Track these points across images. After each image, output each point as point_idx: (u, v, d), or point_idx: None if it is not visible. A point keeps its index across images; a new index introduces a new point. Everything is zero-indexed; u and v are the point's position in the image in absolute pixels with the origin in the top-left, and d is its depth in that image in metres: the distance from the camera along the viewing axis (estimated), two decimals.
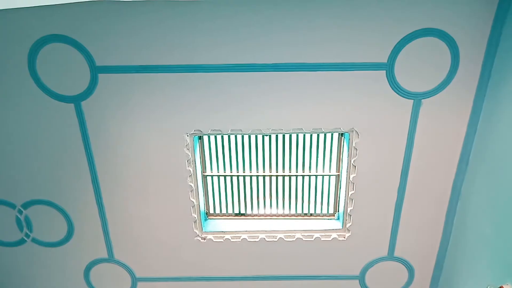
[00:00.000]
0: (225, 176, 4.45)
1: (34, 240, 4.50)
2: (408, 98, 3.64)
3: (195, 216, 4.35)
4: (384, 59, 3.47)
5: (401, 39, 3.38)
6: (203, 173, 4.37)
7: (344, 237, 4.41)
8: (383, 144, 3.87)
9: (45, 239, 4.50)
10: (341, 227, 4.45)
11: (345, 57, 3.46)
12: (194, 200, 4.26)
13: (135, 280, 4.76)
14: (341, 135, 4.13)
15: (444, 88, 3.60)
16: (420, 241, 4.40)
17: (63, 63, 3.51)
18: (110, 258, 4.60)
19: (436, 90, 3.60)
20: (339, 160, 4.28)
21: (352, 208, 4.23)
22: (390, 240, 4.39)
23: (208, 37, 3.43)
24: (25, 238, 4.50)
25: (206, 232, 4.50)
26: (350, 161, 4.01)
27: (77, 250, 4.54)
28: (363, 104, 3.68)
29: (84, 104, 3.70)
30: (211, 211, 4.69)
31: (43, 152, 3.97)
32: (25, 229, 4.43)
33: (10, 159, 4.02)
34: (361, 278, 4.68)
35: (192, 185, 4.17)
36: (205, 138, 4.22)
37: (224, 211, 4.69)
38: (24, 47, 3.45)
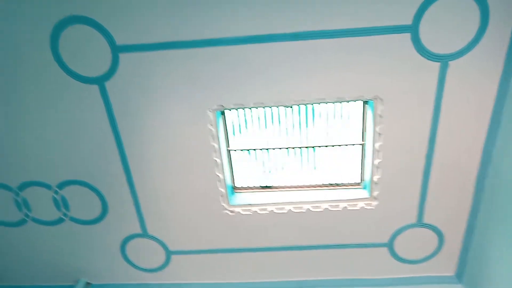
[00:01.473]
0: (249, 150, 4.48)
1: (72, 219, 4.73)
2: (434, 61, 3.51)
3: (222, 190, 4.43)
4: (408, 21, 3.33)
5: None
6: (227, 148, 4.41)
7: (372, 206, 4.40)
8: (409, 110, 3.77)
9: (81, 217, 4.72)
10: (368, 196, 4.43)
11: (367, 21, 3.34)
12: (220, 175, 4.33)
13: (169, 253, 4.96)
14: (365, 103, 4.05)
15: (472, 49, 3.43)
16: (449, 206, 4.33)
17: (84, 45, 3.57)
18: (144, 233, 4.79)
19: (463, 51, 3.44)
20: (363, 128, 4.22)
21: (378, 176, 4.19)
22: (418, 207, 4.35)
23: (226, 10, 3.39)
24: (63, 217, 4.74)
25: (234, 206, 4.59)
26: (375, 129, 3.94)
27: (112, 226, 4.75)
28: (387, 70, 3.57)
29: (107, 84, 3.77)
30: (238, 185, 4.77)
31: (73, 134, 4.11)
32: (62, 209, 4.66)
33: (41, 142, 4.19)
34: (389, 245, 4.69)
35: (218, 160, 4.24)
36: (228, 112, 4.24)
37: (250, 184, 4.76)
38: (45, 30, 3.51)
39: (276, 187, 4.73)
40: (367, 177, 4.42)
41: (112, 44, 3.55)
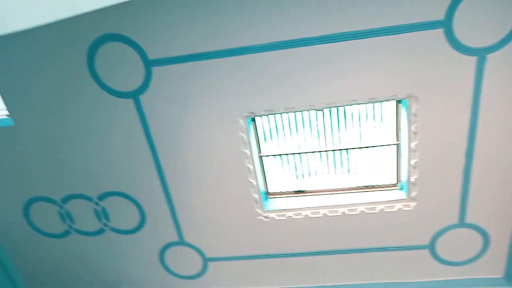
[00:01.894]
0: (281, 155, 4.48)
1: (112, 229, 4.89)
2: (470, 55, 3.38)
3: (256, 196, 4.45)
4: (440, 16, 3.23)
5: None
6: (259, 154, 4.43)
7: (410, 207, 4.28)
8: (445, 108, 3.65)
9: (121, 227, 4.87)
10: (405, 197, 4.31)
11: (398, 19, 3.28)
12: (253, 181, 4.35)
13: (205, 260, 5.02)
14: (398, 102, 3.95)
15: (511, 40, 3.29)
16: (493, 205, 4.14)
17: (119, 61, 3.70)
18: (181, 241, 4.88)
19: (502, 42, 3.30)
20: (397, 128, 4.12)
21: (416, 176, 4.07)
22: (460, 207, 4.19)
23: (253, 18, 3.42)
24: (104, 228, 4.90)
25: (268, 211, 4.59)
26: (410, 128, 3.84)
27: (151, 235, 4.87)
28: (421, 67, 3.48)
29: (142, 98, 3.89)
30: (271, 191, 4.77)
31: (110, 147, 4.25)
32: (103, 219, 4.83)
33: (82, 156, 4.36)
34: (431, 247, 4.53)
35: (250, 166, 4.26)
36: (258, 118, 4.26)
37: (283, 189, 4.75)
38: (82, 49, 3.68)
39: (309, 192, 4.69)
40: (403, 177, 4.30)
41: (145, 59, 3.66)
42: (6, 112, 4.27)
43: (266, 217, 4.59)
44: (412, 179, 4.12)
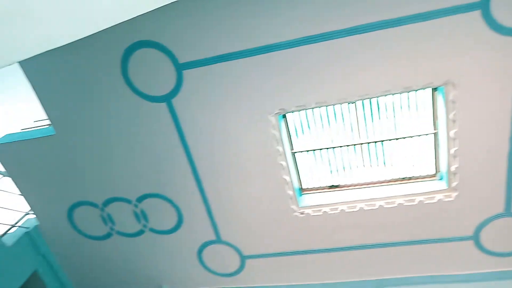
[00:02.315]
0: (313, 150, 4.44)
1: (151, 230, 5.03)
2: (510, 36, 3.21)
3: (290, 192, 4.44)
4: None
5: None
6: (292, 150, 4.41)
7: (451, 197, 4.14)
8: (485, 92, 3.50)
9: (159, 228, 5.00)
10: (446, 187, 4.17)
11: (430, 4, 3.16)
12: (287, 177, 4.34)
13: (243, 258, 5.07)
14: (435, 89, 3.82)
15: None
16: None
17: (150, 66, 3.79)
18: (218, 240, 4.95)
19: None
20: (434, 117, 3.98)
21: (457, 165, 3.93)
22: (506, 195, 4.00)
23: (279, 15, 3.40)
24: (143, 229, 5.05)
25: (303, 207, 4.58)
26: (448, 116, 3.71)
27: (188, 234, 4.97)
28: (457, 52, 3.34)
29: (174, 101, 3.96)
30: (305, 186, 4.74)
31: (146, 150, 4.37)
32: (142, 221, 4.97)
33: (119, 160, 4.50)
34: (475, 238, 4.36)
35: (283, 163, 4.25)
36: (289, 114, 4.24)
37: (317, 185, 4.71)
38: (116, 57, 3.79)
39: (345, 186, 4.63)
40: (443, 167, 4.16)
41: (176, 63, 3.72)
42: (48, 122, 4.46)
43: (301, 213, 4.57)
44: (453, 168, 3.97)
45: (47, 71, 4.02)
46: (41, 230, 5.33)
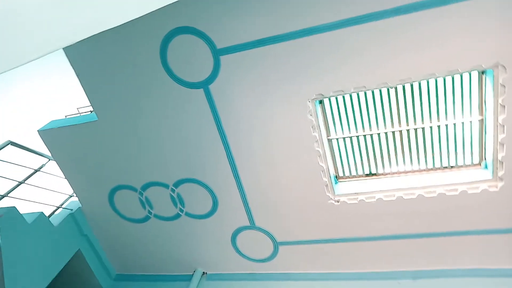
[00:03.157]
0: (350, 138, 4.35)
1: (187, 214, 5.15)
2: None
3: (326, 180, 4.39)
4: None
5: None
6: (328, 137, 4.35)
7: (496, 187, 3.95)
8: None
9: (195, 212, 5.11)
10: (491, 177, 3.98)
11: None
12: (323, 164, 4.29)
13: (276, 244, 5.09)
14: (482, 73, 3.62)
15: None
16: None
17: (189, 53, 3.83)
18: (252, 226, 5.00)
19: None
20: (481, 102, 3.78)
21: (503, 154, 3.73)
22: None
23: None
24: (180, 213, 5.18)
25: (339, 195, 4.52)
26: (497, 101, 3.51)
27: (223, 220, 5.05)
28: (509, 32, 3.14)
29: (211, 87, 3.99)
30: (341, 174, 4.67)
31: (184, 136, 4.45)
32: (178, 205, 5.10)
33: (158, 146, 4.62)
34: None
35: (320, 149, 4.20)
36: (326, 101, 4.17)
37: (353, 173, 4.63)
38: (155, 43, 3.86)
39: (382, 174, 4.52)
40: (489, 156, 3.97)
41: (213, 48, 3.74)
42: (90, 108, 4.63)
43: (337, 201, 4.52)
44: (499, 157, 3.78)
45: (90, 58, 4.16)
46: (84, 212, 5.59)
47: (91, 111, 4.78)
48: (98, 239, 5.88)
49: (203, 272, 5.76)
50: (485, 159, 4.09)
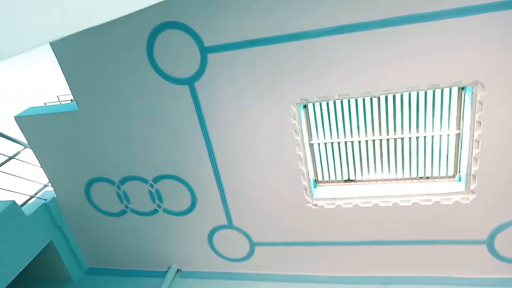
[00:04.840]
0: (332, 143, 4.42)
1: (165, 210, 5.11)
2: None
3: (305, 183, 4.44)
4: None
5: None
6: (310, 141, 4.40)
7: (468, 200, 4.08)
8: None
9: (173, 209, 5.07)
10: (464, 189, 4.11)
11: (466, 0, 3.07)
12: (303, 168, 4.34)
13: (253, 245, 5.12)
14: (462, 89, 3.74)
15: None
16: None
17: (176, 48, 3.80)
18: (230, 225, 5.00)
19: None
20: (459, 117, 3.90)
21: (477, 168, 3.86)
22: None
23: (308, 2, 3.35)
24: (157, 209, 5.13)
25: (317, 199, 4.58)
26: (474, 117, 3.63)
27: (201, 218, 5.04)
28: (490, 51, 3.25)
29: (197, 84, 3.97)
30: (320, 179, 4.73)
31: (166, 131, 4.41)
32: (156, 201, 5.05)
33: (139, 139, 4.56)
34: (489, 243, 4.31)
35: (301, 153, 4.25)
36: (310, 106, 4.21)
37: (333, 178, 4.70)
38: (142, 36, 3.80)
39: (360, 180, 4.60)
40: (463, 169, 4.10)
41: (201, 46, 3.72)
42: (71, 97, 4.53)
43: (315, 205, 4.57)
44: (473, 171, 3.91)
45: (74, 48, 4.07)
46: (58, 202, 5.46)
47: (71, 100, 4.68)
48: (72, 231, 5.76)
49: (178, 269, 5.73)
50: (459, 172, 4.23)
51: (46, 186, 5.65)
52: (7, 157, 5.00)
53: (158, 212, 5.16)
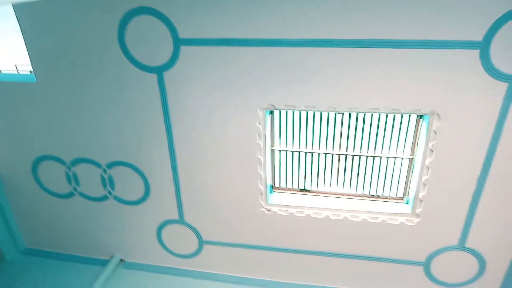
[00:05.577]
0: (292, 152, 4.48)
1: (116, 198, 4.94)
2: (502, 81, 3.34)
3: (262, 188, 4.47)
4: (479, 37, 3.19)
5: (500, 17, 3.08)
6: (271, 147, 4.43)
7: (413, 222, 4.29)
8: (467, 130, 3.62)
9: (124, 197, 4.92)
10: (410, 212, 4.32)
11: (436, 34, 3.23)
12: (261, 173, 4.36)
13: (201, 242, 5.07)
14: (420, 117, 3.93)
15: None
16: (496, 234, 4.14)
17: (149, 35, 3.69)
18: (181, 220, 4.93)
19: None
20: (414, 143, 4.10)
21: (424, 193, 4.07)
22: (462, 230, 4.19)
23: (289, 11, 3.39)
24: (108, 195, 4.95)
25: (271, 205, 4.62)
26: (428, 145, 3.82)
27: (152, 209, 4.92)
28: (450, 85, 3.44)
29: (166, 74, 3.88)
30: (277, 185, 4.78)
31: (127, 117, 4.27)
32: (108, 187, 4.88)
33: (97, 122, 4.39)
34: (426, 265, 4.55)
35: (261, 158, 4.27)
36: (276, 112, 4.25)
37: (289, 185, 4.76)
38: (115, 17, 3.67)
39: (315, 192, 4.70)
40: (411, 192, 4.30)
41: (175, 37, 3.65)
42: (30, 69, 4.28)
43: (268, 210, 4.61)
44: (420, 195, 4.11)
45: (40, 18, 3.85)
46: (1, 176, 5.13)
47: (30, 72, 4.41)
48: (12, 208, 5.43)
49: (121, 259, 5.56)
50: (408, 195, 4.43)
51: None
52: None
53: (108, 199, 4.99)
